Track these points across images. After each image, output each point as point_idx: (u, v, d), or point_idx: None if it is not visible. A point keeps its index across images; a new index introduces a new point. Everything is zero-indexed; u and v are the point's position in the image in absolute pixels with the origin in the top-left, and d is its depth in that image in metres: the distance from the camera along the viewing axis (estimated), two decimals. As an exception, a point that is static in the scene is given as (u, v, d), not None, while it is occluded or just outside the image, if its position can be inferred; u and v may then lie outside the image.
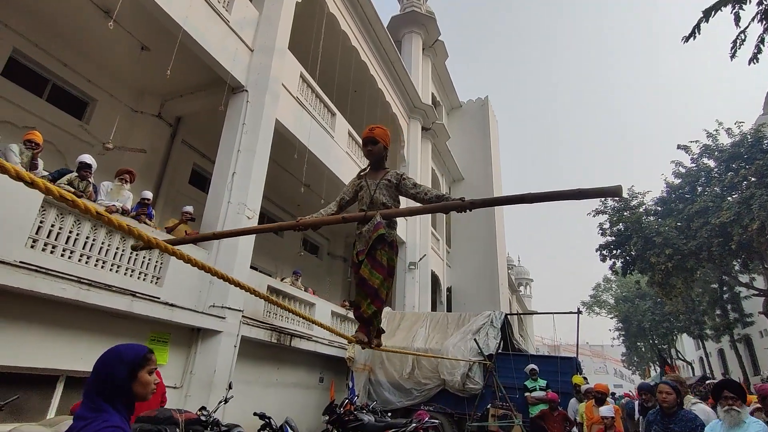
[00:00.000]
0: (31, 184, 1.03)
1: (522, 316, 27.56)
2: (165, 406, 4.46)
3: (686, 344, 36.91)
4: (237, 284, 1.83)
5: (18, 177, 1.00)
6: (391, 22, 18.89)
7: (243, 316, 6.84)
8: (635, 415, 8.03)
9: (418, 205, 2.27)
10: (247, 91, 7.81)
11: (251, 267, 7.86)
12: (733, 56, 8.09)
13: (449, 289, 19.73)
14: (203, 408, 4.70)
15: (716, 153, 14.39)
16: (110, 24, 5.47)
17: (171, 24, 6.50)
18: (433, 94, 20.57)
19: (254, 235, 7.36)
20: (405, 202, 2.59)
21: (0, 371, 4.18)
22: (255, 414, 4.85)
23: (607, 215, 16.40)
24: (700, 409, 4.05)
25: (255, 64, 8.10)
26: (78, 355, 4.82)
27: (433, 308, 16.91)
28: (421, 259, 15.13)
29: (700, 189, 14.68)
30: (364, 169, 2.57)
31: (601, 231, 16.69)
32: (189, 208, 7.41)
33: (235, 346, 6.59)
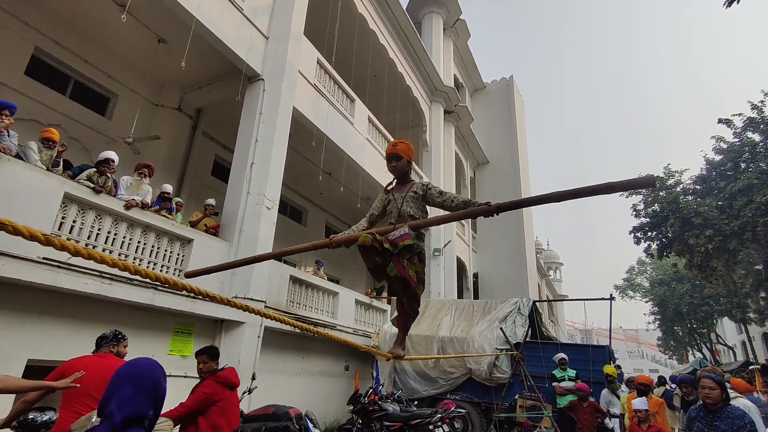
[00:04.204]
0: None
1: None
2: None
3: (727, 328, 35.32)
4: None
5: None
6: (410, 2, 18.36)
7: (266, 306, 6.85)
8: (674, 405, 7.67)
9: (445, 213, 2.28)
10: (263, 79, 7.71)
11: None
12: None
13: (476, 276, 19.42)
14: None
15: (762, 126, 13.40)
16: (123, 16, 5.44)
17: (184, 14, 6.45)
18: (455, 75, 20.02)
19: (275, 225, 7.34)
20: (432, 212, 2.57)
21: (29, 365, 4.28)
22: (272, 408, 4.83)
23: (641, 196, 15.65)
24: (741, 403, 3.75)
25: (270, 51, 7.97)
26: (104, 347, 4.91)
27: (460, 295, 16.70)
28: (446, 245, 14.89)
29: (743, 165, 13.71)
30: (390, 184, 2.60)
31: (634, 212, 15.98)
32: (211, 201, 7.44)
33: (258, 337, 6.62)
